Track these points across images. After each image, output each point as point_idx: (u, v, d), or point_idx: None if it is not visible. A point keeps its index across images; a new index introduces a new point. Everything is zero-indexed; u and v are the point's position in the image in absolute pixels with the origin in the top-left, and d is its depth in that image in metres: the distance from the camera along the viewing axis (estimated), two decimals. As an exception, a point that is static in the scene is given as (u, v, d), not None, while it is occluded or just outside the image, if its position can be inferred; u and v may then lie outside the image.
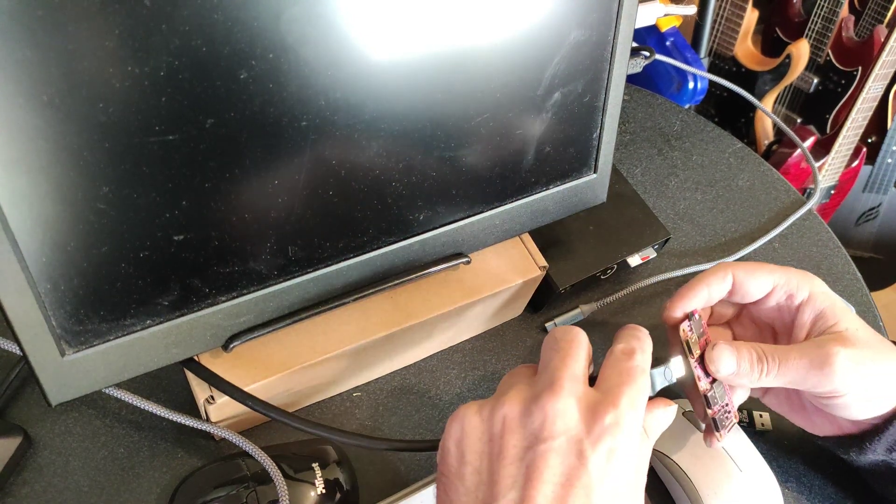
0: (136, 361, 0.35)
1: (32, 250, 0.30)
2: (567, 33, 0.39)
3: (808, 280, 0.41)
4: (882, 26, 1.24)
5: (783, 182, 0.67)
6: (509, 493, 0.29)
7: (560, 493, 0.29)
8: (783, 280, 0.41)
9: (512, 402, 0.31)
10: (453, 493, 0.31)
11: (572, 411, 0.31)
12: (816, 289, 0.41)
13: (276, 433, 0.45)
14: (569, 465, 0.30)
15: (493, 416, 0.31)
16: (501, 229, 0.45)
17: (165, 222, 0.33)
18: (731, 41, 1.34)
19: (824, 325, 0.40)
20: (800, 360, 0.38)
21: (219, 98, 0.31)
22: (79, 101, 0.28)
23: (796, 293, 0.41)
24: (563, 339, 0.34)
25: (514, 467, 0.30)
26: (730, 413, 0.40)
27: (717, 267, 0.41)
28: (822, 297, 0.40)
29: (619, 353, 0.34)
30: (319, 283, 0.39)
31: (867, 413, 0.39)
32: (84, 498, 0.41)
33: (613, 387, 0.32)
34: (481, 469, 0.31)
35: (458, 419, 0.32)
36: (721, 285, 0.41)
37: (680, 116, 0.72)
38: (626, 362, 0.33)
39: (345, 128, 0.35)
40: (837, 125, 1.30)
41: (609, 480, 0.30)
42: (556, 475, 0.29)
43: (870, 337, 0.39)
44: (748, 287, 0.41)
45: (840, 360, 0.37)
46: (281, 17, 0.30)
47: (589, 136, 0.45)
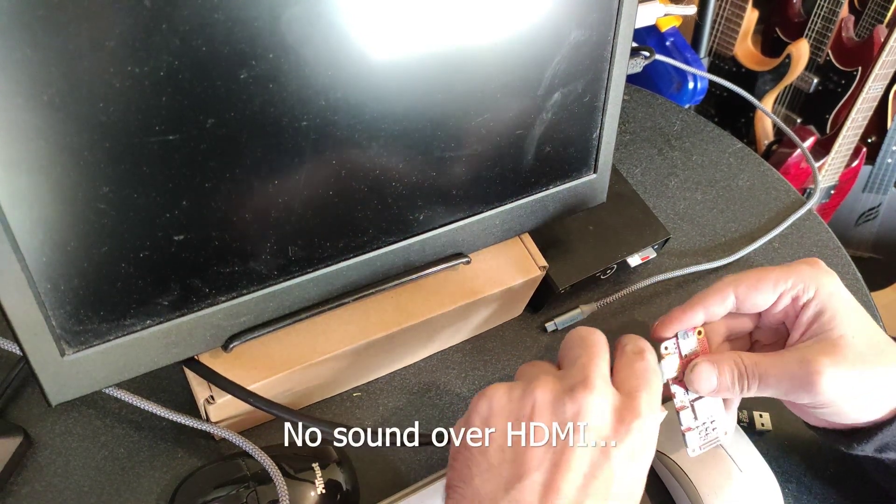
0: (136, 361, 0.35)
1: (32, 250, 0.30)
2: (567, 33, 0.39)
3: (815, 279, 0.39)
4: (882, 26, 1.24)
5: (783, 182, 0.67)
6: (534, 473, 0.31)
7: (583, 483, 0.31)
8: (789, 285, 0.39)
9: (544, 389, 0.33)
10: (475, 466, 0.32)
11: (604, 408, 0.32)
12: (824, 288, 0.39)
13: (276, 433, 0.45)
14: (595, 459, 0.31)
15: (524, 399, 0.32)
16: (501, 229, 0.45)
17: (165, 222, 0.32)
18: (731, 41, 1.34)
19: (820, 329, 0.38)
20: (781, 377, 0.37)
21: (219, 98, 0.31)
22: (79, 101, 0.28)
23: (802, 295, 0.39)
24: (590, 339, 0.35)
25: (541, 451, 0.31)
26: (716, 427, 0.40)
27: (720, 284, 0.40)
28: (827, 298, 0.38)
29: (631, 353, 0.35)
30: (319, 283, 0.39)
31: (856, 419, 0.39)
32: (84, 498, 0.41)
33: (633, 390, 0.33)
34: (505, 448, 0.32)
35: (487, 398, 0.33)
36: (721, 306, 0.40)
37: (680, 116, 0.72)
38: (640, 362, 0.35)
39: (345, 128, 0.35)
40: (837, 125, 1.30)
41: (627, 478, 0.32)
42: (583, 465, 0.31)
43: (868, 345, 0.37)
44: (753, 301, 0.40)
45: (825, 380, 0.36)
46: (281, 17, 0.30)
47: (589, 136, 0.45)
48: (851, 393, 0.37)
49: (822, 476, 0.47)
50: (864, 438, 0.39)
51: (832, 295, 0.39)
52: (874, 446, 0.39)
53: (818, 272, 0.39)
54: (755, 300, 0.40)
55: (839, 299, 0.39)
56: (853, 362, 0.37)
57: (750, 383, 0.38)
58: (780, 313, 0.40)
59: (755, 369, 0.38)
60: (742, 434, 0.45)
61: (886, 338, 0.39)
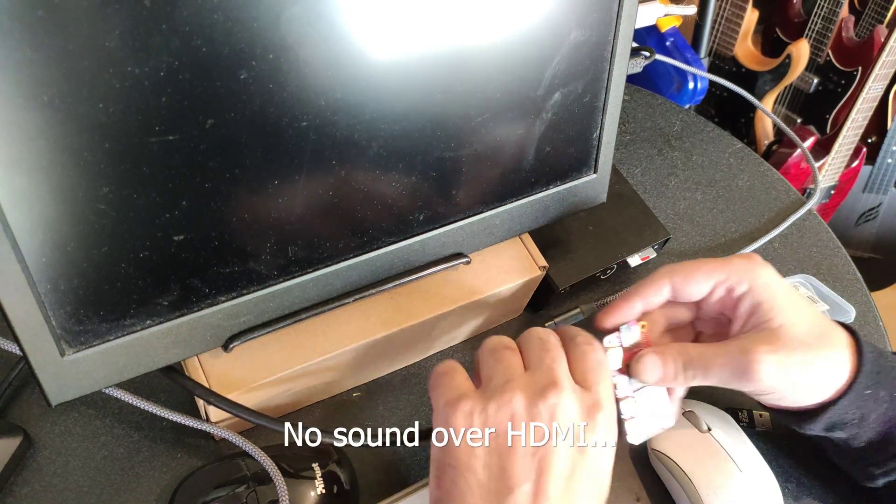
0: (135, 361, 0.35)
1: (32, 250, 0.30)
2: (567, 33, 0.39)
3: (749, 272, 0.39)
4: (882, 26, 1.24)
5: (783, 182, 0.67)
6: (524, 484, 0.31)
7: (566, 484, 0.32)
8: (723, 276, 0.40)
9: (517, 397, 0.33)
10: (464, 484, 0.32)
11: (574, 406, 0.33)
12: (758, 280, 0.39)
13: (276, 433, 0.45)
14: (574, 457, 0.33)
15: (500, 412, 0.33)
16: (501, 229, 0.45)
17: (165, 222, 0.32)
18: (731, 41, 1.34)
19: (759, 320, 0.39)
20: (723, 366, 0.38)
21: (219, 98, 0.31)
22: (79, 102, 0.28)
23: (736, 287, 0.40)
24: (550, 340, 0.36)
25: (525, 461, 0.32)
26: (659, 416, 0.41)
27: (656, 274, 0.41)
28: (762, 290, 0.39)
29: (583, 345, 0.36)
30: (319, 283, 0.39)
31: (802, 402, 0.40)
32: (84, 498, 0.41)
33: (593, 383, 0.35)
34: (491, 463, 0.32)
35: (464, 414, 0.33)
36: (658, 296, 0.41)
37: (680, 116, 0.72)
38: (592, 354, 0.36)
39: (345, 128, 0.35)
40: (837, 125, 1.30)
41: (601, 467, 0.34)
42: (564, 468, 0.32)
43: (808, 332, 0.38)
44: (687, 291, 0.40)
45: (763, 368, 0.37)
46: (281, 18, 0.30)
47: (589, 136, 0.45)
48: (792, 379, 0.38)
49: (822, 476, 0.47)
50: (811, 419, 0.40)
51: (767, 286, 0.39)
52: (822, 426, 0.40)
53: (752, 265, 0.40)
54: (689, 290, 0.41)
55: (775, 290, 0.39)
56: (793, 349, 0.38)
57: (694, 373, 0.39)
58: (717, 304, 0.41)
59: (699, 360, 0.39)
60: (742, 434, 0.45)
61: (828, 322, 0.40)
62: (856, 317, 0.54)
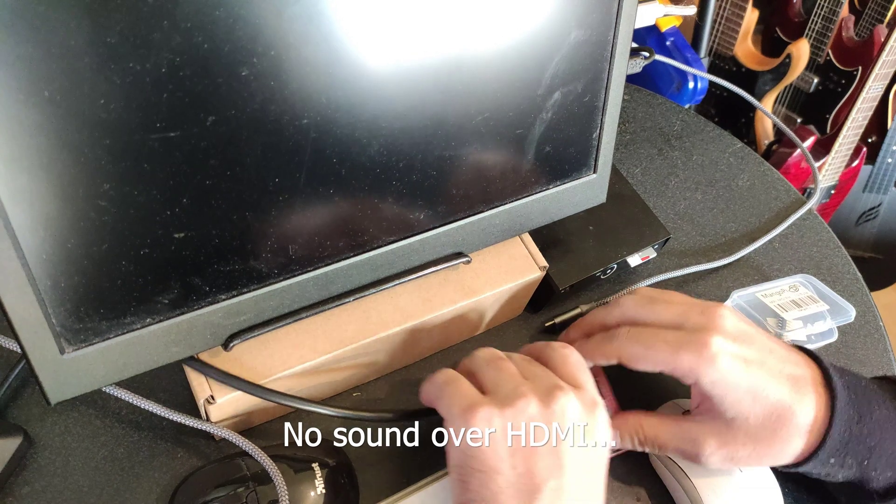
0: (136, 360, 0.35)
1: (33, 248, 0.30)
2: (567, 33, 0.39)
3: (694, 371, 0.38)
4: (882, 26, 1.24)
5: (783, 182, 0.67)
6: (549, 481, 0.34)
7: (582, 477, 0.35)
8: (669, 369, 0.39)
9: (532, 401, 0.35)
10: (494, 485, 0.34)
11: (577, 404, 0.36)
12: (704, 378, 0.38)
13: (276, 433, 0.45)
14: (585, 453, 0.36)
15: (517, 417, 0.35)
16: (501, 229, 0.45)
17: (166, 220, 0.32)
18: (731, 41, 1.34)
19: (711, 409, 0.39)
20: (675, 449, 0.41)
21: (220, 95, 0.31)
22: (80, 98, 0.28)
23: (684, 379, 0.39)
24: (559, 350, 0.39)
25: (547, 459, 0.34)
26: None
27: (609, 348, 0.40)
28: (709, 387, 0.38)
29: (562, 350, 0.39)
30: (319, 282, 0.39)
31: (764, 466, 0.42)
32: (84, 498, 0.41)
33: (584, 382, 0.38)
34: (516, 463, 0.34)
35: (483, 419, 0.35)
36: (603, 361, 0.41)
37: (680, 116, 0.72)
38: (573, 356, 0.39)
39: (346, 126, 0.35)
40: (837, 125, 1.30)
41: (601, 459, 0.37)
42: (580, 462, 0.35)
43: (761, 424, 0.38)
44: (635, 367, 0.40)
45: (712, 460, 0.39)
46: (283, 15, 0.30)
47: (589, 136, 0.45)
48: (746, 463, 0.40)
49: (822, 476, 0.47)
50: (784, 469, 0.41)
51: (714, 384, 0.38)
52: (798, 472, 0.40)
53: (699, 363, 0.38)
54: (636, 366, 0.40)
55: (723, 386, 0.38)
56: (742, 444, 0.39)
57: (650, 448, 0.42)
58: None
59: (653, 441, 0.41)
60: (742, 434, 0.45)
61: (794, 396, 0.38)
62: (856, 317, 0.54)
